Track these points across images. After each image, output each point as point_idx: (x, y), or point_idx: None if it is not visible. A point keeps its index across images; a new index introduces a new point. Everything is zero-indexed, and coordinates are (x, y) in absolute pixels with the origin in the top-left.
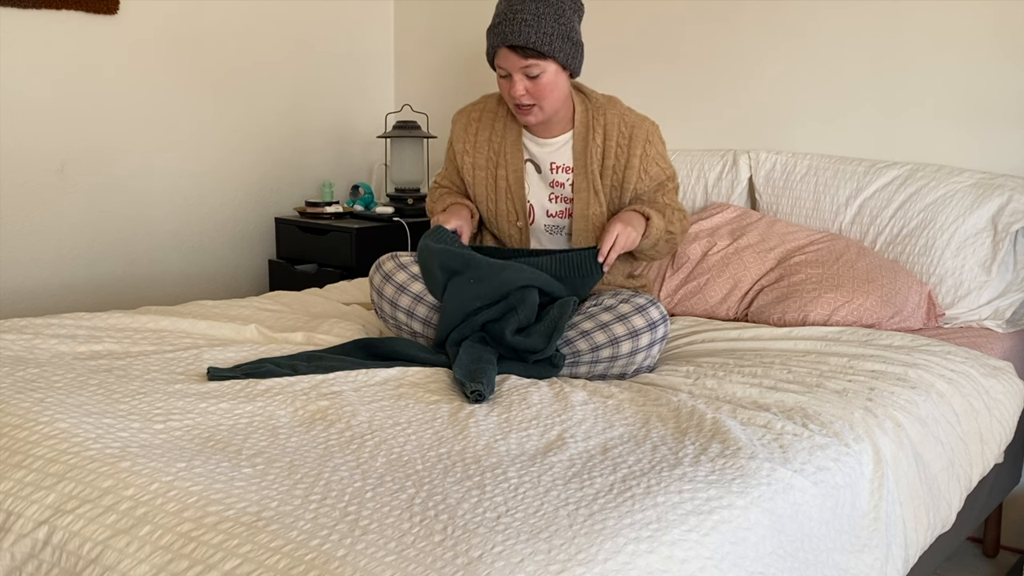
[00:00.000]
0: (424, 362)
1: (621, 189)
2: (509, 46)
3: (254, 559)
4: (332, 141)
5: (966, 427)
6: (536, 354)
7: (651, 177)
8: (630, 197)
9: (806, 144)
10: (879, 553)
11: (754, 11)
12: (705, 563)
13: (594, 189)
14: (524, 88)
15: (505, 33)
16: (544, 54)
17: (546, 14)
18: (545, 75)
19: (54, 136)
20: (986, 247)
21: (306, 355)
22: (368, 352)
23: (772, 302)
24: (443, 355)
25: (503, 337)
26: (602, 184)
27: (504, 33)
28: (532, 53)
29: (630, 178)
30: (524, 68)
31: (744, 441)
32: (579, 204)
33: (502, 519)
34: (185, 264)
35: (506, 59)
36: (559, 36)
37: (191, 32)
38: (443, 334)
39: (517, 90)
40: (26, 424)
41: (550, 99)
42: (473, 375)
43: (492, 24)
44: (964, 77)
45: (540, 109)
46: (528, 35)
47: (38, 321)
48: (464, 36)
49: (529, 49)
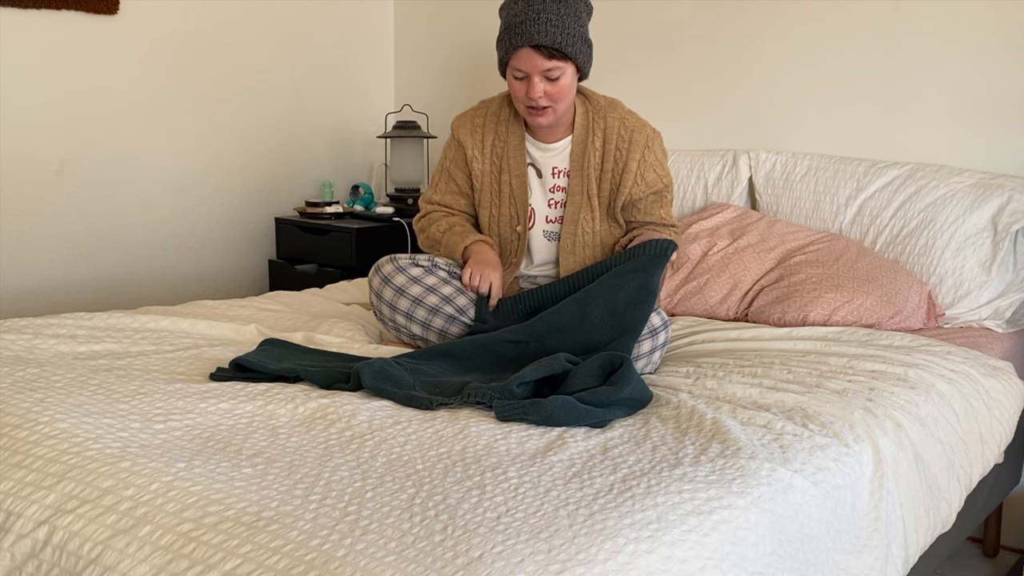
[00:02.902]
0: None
1: (616, 193)
2: (534, 46)
3: (254, 559)
4: (332, 141)
5: (966, 427)
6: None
7: (647, 184)
8: (624, 202)
9: (806, 144)
10: (879, 553)
11: (754, 11)
12: (705, 563)
13: (588, 193)
14: (543, 90)
15: (531, 33)
16: (568, 56)
17: (567, 15)
18: (564, 77)
19: (54, 136)
20: (986, 247)
21: (318, 355)
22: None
23: (772, 302)
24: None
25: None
26: (599, 189)
27: (529, 33)
28: (557, 54)
29: (626, 182)
30: (546, 70)
31: (744, 441)
32: (571, 208)
33: (502, 519)
34: (185, 264)
35: (528, 60)
36: (578, 38)
37: (191, 32)
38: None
39: (536, 91)
40: (26, 424)
41: (565, 101)
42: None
43: (511, 24)
44: (964, 77)
45: (554, 111)
46: (554, 35)
47: (38, 321)
48: (464, 36)
49: (554, 50)
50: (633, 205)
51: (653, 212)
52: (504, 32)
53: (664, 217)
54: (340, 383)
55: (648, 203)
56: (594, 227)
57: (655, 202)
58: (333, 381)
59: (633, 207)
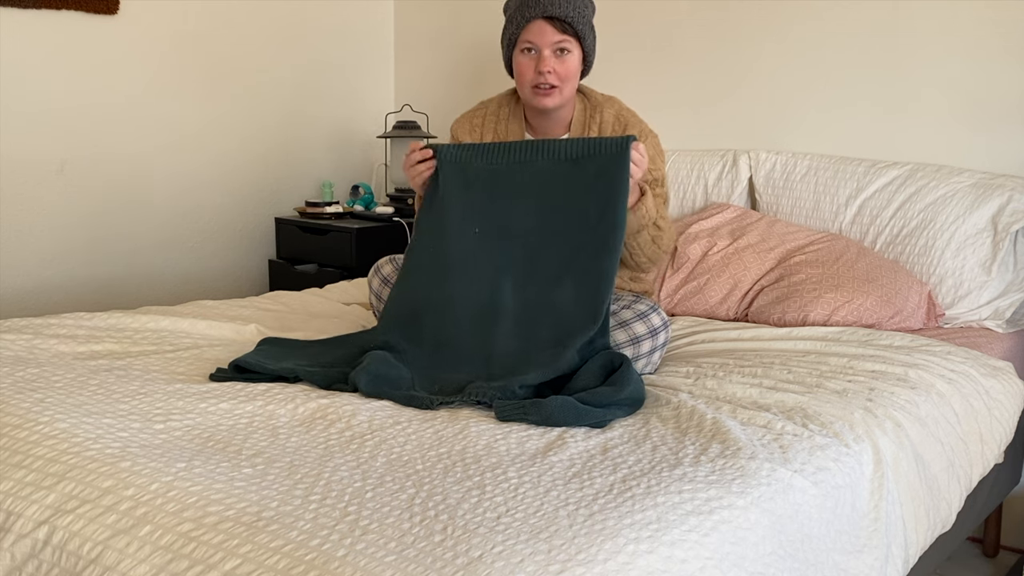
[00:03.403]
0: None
1: None
2: (547, 17)
3: (254, 559)
4: (332, 141)
5: (966, 427)
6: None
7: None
8: None
9: (806, 144)
10: (879, 553)
11: (754, 11)
12: (705, 563)
13: None
14: (552, 66)
15: (544, 4)
16: (578, 32)
17: None
18: (572, 56)
19: (54, 136)
20: (986, 247)
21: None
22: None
23: (772, 302)
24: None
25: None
26: None
27: (543, 4)
28: (568, 28)
29: None
30: (557, 43)
31: (744, 441)
32: None
33: (502, 519)
34: (185, 264)
35: (540, 32)
36: (587, 22)
37: (191, 32)
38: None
39: (546, 65)
40: (26, 424)
41: (571, 83)
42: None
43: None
44: (964, 77)
45: (560, 92)
46: (567, 9)
47: (38, 321)
48: (464, 36)
49: (567, 23)
50: None
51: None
52: (516, 10)
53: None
54: (340, 383)
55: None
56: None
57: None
58: (333, 382)
59: None
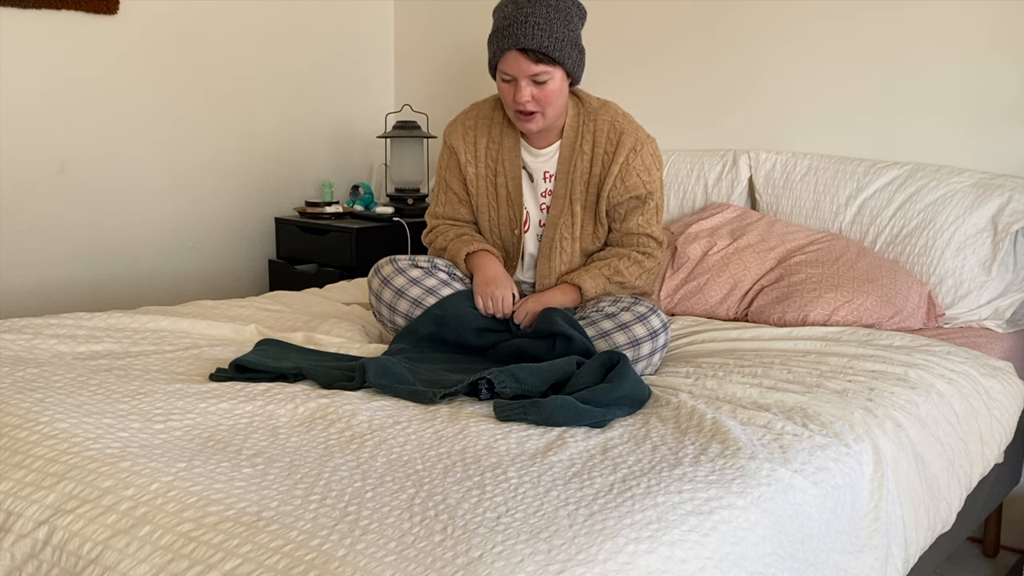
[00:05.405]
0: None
1: (598, 197)
2: (520, 49)
3: (254, 559)
4: (332, 141)
5: (966, 427)
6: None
7: (627, 188)
8: (606, 207)
9: (806, 144)
10: (879, 553)
11: (755, 11)
12: (705, 563)
13: (570, 198)
14: (530, 94)
15: (517, 36)
16: (555, 60)
17: (556, 19)
18: (552, 82)
19: (54, 136)
20: (986, 247)
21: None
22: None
23: (772, 302)
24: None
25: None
26: (586, 194)
27: (516, 36)
28: (543, 58)
29: (606, 184)
30: (533, 74)
31: (744, 441)
32: (552, 212)
33: (502, 519)
34: (185, 264)
35: (515, 63)
36: (568, 42)
37: (191, 32)
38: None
39: (523, 96)
40: (26, 424)
41: (554, 106)
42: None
43: (499, 27)
44: (964, 77)
45: (542, 116)
46: (541, 39)
47: (38, 321)
48: (464, 36)
49: (540, 54)
50: (614, 209)
51: (631, 219)
52: (493, 35)
53: (642, 225)
54: (341, 382)
55: (628, 208)
56: (573, 233)
57: (635, 208)
58: (334, 380)
59: (614, 211)
